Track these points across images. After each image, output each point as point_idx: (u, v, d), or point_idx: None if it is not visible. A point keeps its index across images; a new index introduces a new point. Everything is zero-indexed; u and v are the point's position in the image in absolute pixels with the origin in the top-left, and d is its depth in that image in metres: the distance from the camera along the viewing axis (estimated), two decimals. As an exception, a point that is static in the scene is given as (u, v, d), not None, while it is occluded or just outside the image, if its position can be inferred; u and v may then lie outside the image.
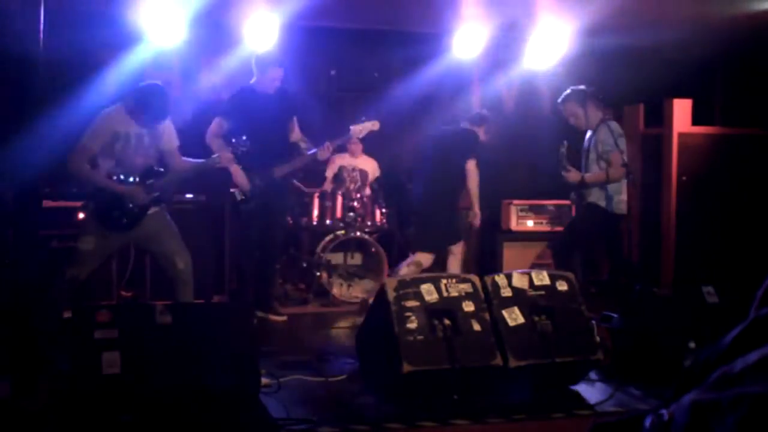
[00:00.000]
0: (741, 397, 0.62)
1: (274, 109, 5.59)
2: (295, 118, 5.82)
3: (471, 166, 5.91)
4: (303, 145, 5.80)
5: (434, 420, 3.53)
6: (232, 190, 5.57)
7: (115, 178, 4.67)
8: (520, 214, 7.12)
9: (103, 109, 4.70)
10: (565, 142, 5.45)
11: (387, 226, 6.77)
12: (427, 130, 6.47)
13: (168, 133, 4.85)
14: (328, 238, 6.57)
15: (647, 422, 0.70)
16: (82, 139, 4.59)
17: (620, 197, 5.37)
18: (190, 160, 4.95)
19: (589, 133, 5.55)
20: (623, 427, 0.74)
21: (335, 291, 6.51)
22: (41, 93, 3.90)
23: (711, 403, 0.64)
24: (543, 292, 4.07)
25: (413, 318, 3.75)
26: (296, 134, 5.83)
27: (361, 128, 5.81)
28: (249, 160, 5.45)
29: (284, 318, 5.87)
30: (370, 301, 4.79)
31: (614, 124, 5.47)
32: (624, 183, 5.34)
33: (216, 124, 5.61)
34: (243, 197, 5.56)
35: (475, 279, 4.03)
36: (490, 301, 3.97)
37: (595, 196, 5.42)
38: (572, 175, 5.42)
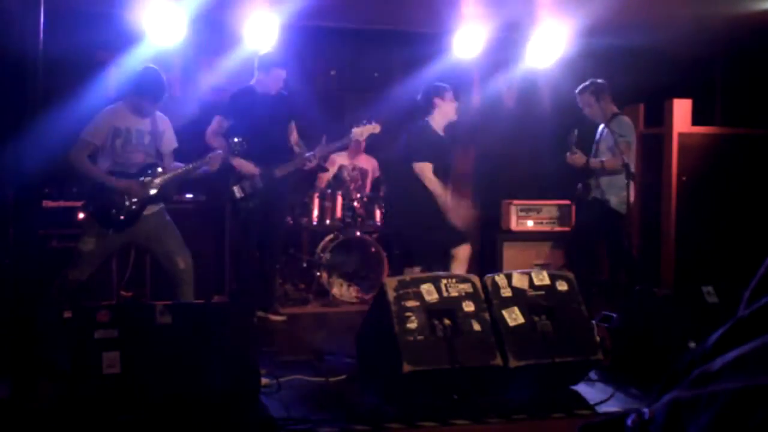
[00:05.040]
0: (717, 393, 0.63)
1: (274, 110, 5.59)
2: (293, 123, 5.82)
3: (419, 169, 5.31)
4: (298, 149, 5.80)
5: (434, 420, 3.53)
6: (232, 188, 5.57)
7: (114, 174, 4.69)
8: (520, 214, 7.11)
9: (105, 107, 4.74)
10: (575, 130, 5.57)
11: (387, 226, 6.77)
12: None
13: (168, 135, 4.89)
14: (328, 238, 6.57)
15: (629, 421, 0.71)
16: (83, 134, 4.62)
17: (622, 194, 5.41)
18: (179, 164, 4.94)
19: (601, 126, 5.71)
20: (608, 427, 0.75)
21: (335, 291, 6.51)
22: (41, 93, 3.89)
23: (688, 400, 0.65)
24: (543, 292, 4.07)
25: (413, 318, 3.75)
26: (294, 138, 5.83)
27: (363, 130, 5.80)
28: (249, 160, 5.46)
29: (284, 318, 5.87)
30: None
31: (627, 119, 5.68)
32: (624, 181, 5.37)
33: (216, 123, 5.62)
34: (242, 194, 5.56)
35: (475, 279, 4.03)
36: (490, 301, 3.97)
37: (599, 192, 5.57)
38: (577, 158, 5.58)
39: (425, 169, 5.30)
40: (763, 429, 0.58)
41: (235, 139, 5.15)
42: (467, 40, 6.88)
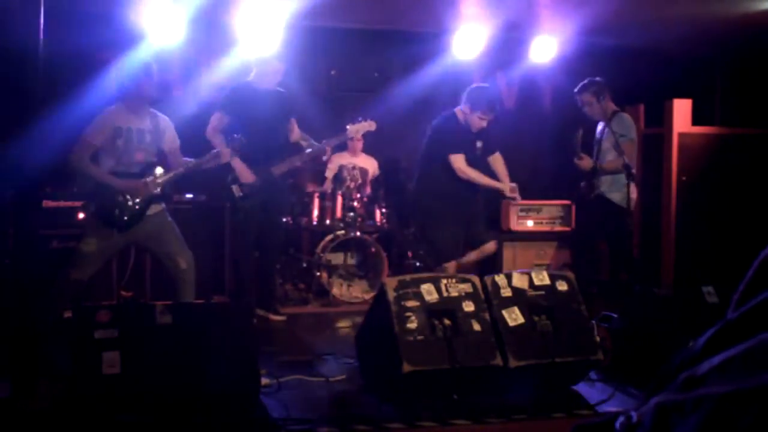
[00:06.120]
0: (703, 397, 0.63)
1: (272, 107, 5.58)
2: (293, 120, 5.81)
3: (453, 161, 5.32)
4: (304, 143, 5.79)
5: (434, 420, 3.53)
6: (230, 186, 5.56)
7: (117, 174, 4.69)
8: (520, 214, 7.11)
9: (105, 108, 4.75)
10: (581, 130, 5.57)
11: (387, 226, 6.77)
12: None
13: (170, 133, 4.89)
14: (328, 238, 6.57)
15: (617, 424, 0.71)
16: (84, 134, 4.62)
17: (625, 191, 5.42)
18: (188, 159, 4.99)
19: (601, 125, 5.71)
20: (598, 429, 0.75)
21: (335, 291, 6.51)
22: (41, 93, 3.90)
23: (675, 403, 0.65)
24: (543, 292, 4.07)
25: (413, 318, 3.75)
26: (296, 134, 5.82)
27: (358, 128, 5.80)
28: (248, 158, 5.45)
29: (284, 318, 5.87)
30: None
31: (628, 116, 5.69)
32: (624, 178, 5.38)
33: (216, 119, 5.60)
34: (241, 193, 5.55)
35: (475, 279, 4.03)
36: (490, 301, 3.97)
37: (605, 188, 5.57)
38: (584, 163, 5.58)
39: (458, 161, 5.34)
40: None
41: (234, 135, 5.15)
42: (467, 40, 6.87)
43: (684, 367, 0.69)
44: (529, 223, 7.13)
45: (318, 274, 6.48)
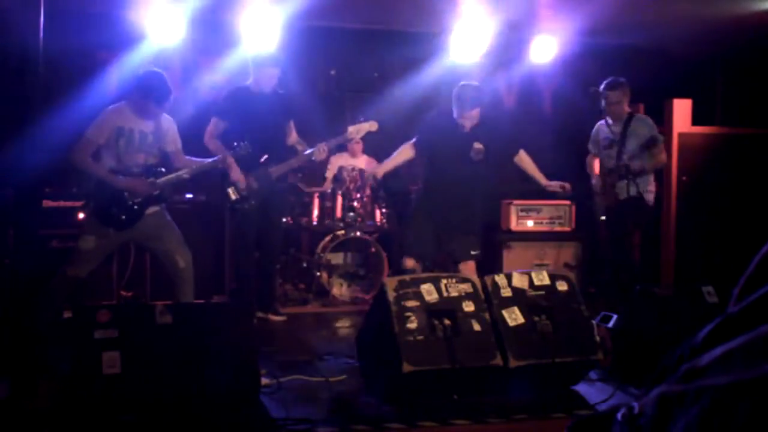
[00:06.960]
0: (704, 388, 0.64)
1: (270, 110, 5.58)
2: (292, 122, 5.81)
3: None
4: (300, 148, 5.79)
5: (434, 420, 3.53)
6: (227, 189, 5.56)
7: (117, 173, 4.68)
8: (520, 214, 7.11)
9: (108, 106, 4.74)
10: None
11: (387, 226, 6.77)
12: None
13: (172, 134, 4.89)
14: (328, 238, 6.57)
15: (619, 415, 0.72)
16: (86, 132, 4.60)
17: (653, 189, 5.57)
18: (195, 159, 4.99)
19: (610, 122, 5.66)
20: (599, 422, 0.76)
21: (335, 291, 6.51)
22: (41, 93, 3.90)
23: (677, 394, 0.66)
24: (543, 292, 4.07)
25: (413, 318, 3.75)
26: (293, 137, 5.82)
27: (359, 129, 5.79)
28: (246, 160, 5.44)
29: (284, 318, 5.87)
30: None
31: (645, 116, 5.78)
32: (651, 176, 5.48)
33: (213, 125, 5.59)
34: (237, 196, 5.54)
35: (475, 279, 4.04)
36: (490, 301, 3.97)
37: (635, 189, 5.49)
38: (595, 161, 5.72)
39: (402, 148, 5.47)
40: (747, 423, 0.59)
41: (240, 143, 5.16)
42: (467, 41, 6.87)
43: (685, 360, 0.70)
44: (529, 223, 7.12)
45: (318, 274, 6.48)
